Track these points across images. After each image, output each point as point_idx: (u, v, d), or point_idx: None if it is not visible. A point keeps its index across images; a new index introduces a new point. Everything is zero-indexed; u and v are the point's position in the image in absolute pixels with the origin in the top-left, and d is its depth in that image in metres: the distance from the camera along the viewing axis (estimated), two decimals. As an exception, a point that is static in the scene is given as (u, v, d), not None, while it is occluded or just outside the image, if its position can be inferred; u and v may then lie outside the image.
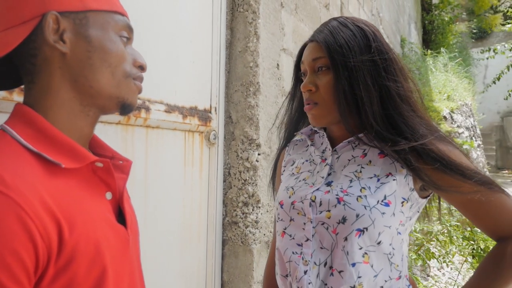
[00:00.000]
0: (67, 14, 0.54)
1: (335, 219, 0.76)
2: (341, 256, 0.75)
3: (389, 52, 0.82)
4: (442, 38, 10.11)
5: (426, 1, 10.32)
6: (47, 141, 0.52)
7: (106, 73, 0.57)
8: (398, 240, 0.79)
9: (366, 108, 0.78)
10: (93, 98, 0.57)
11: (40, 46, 0.54)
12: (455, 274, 2.41)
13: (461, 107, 5.67)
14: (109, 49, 0.57)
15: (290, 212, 0.84)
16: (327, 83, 0.81)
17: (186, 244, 1.41)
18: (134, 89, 0.61)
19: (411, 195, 0.79)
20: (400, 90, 0.80)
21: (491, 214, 0.78)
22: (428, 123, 0.82)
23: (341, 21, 0.85)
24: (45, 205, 0.46)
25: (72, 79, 0.55)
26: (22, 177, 0.46)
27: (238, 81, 1.62)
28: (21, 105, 0.55)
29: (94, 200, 0.54)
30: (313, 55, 0.84)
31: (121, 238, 0.56)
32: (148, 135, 1.22)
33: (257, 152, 1.58)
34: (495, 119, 12.42)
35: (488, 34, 13.36)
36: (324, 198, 0.79)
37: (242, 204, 1.58)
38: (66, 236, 0.47)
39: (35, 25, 0.52)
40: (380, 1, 4.61)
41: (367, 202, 0.75)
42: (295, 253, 0.81)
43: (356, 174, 0.80)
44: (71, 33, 0.55)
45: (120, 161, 0.63)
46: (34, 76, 0.55)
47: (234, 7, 1.65)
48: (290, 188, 0.87)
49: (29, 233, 0.43)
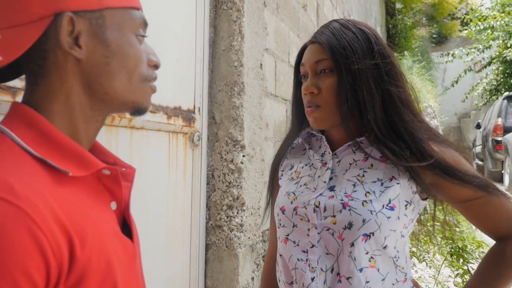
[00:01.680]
0: (82, 13, 0.48)
1: (341, 224, 0.75)
2: (348, 262, 0.74)
3: (391, 56, 0.82)
4: (405, 42, 10.50)
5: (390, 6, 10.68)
6: (50, 145, 0.46)
7: (123, 79, 0.51)
8: (402, 243, 0.79)
9: (368, 112, 0.77)
10: (106, 104, 0.52)
11: (51, 49, 0.48)
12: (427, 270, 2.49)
13: (425, 109, 5.90)
14: (128, 53, 0.52)
15: (293, 218, 0.82)
16: (330, 85, 0.79)
17: (170, 249, 1.35)
18: (149, 92, 0.56)
19: (413, 198, 0.79)
20: (401, 94, 0.80)
21: (490, 215, 0.80)
22: (427, 127, 0.83)
23: (343, 23, 0.83)
24: (56, 217, 0.40)
25: (86, 85, 0.50)
26: (31, 185, 0.40)
27: (222, 81, 1.57)
28: (20, 104, 0.49)
29: (100, 209, 0.49)
30: (315, 57, 0.82)
31: (128, 251, 0.52)
32: (133, 137, 1.16)
33: (241, 154, 1.54)
34: (453, 121, 13.07)
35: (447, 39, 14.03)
36: (329, 203, 0.77)
37: (227, 207, 1.53)
38: (77, 252, 0.41)
39: (46, 27, 0.46)
40: (350, 4, 4.70)
41: (373, 207, 0.74)
42: (301, 260, 0.79)
43: (359, 178, 0.79)
44: (87, 36, 0.49)
45: (123, 168, 0.57)
46: (39, 78, 0.49)
47: (218, 4, 1.60)
48: (291, 193, 0.84)
49: (41, 250, 0.38)
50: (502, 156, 6.77)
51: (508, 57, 9.74)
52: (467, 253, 1.76)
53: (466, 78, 11.56)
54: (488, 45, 10.40)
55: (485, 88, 10.76)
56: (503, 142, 6.39)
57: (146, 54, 0.55)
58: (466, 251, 1.75)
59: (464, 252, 1.75)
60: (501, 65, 10.26)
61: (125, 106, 0.54)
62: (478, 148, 8.70)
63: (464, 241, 1.78)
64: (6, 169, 0.40)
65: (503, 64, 10.14)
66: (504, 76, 10.30)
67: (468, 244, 1.79)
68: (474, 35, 10.82)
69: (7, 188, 0.38)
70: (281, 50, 2.03)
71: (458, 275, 1.75)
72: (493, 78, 10.64)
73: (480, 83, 11.00)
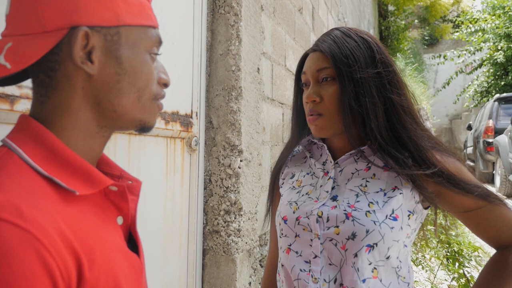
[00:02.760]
0: (98, 29, 0.47)
1: (344, 235, 0.75)
2: (351, 272, 0.74)
3: (393, 64, 0.82)
4: (397, 44, 10.59)
5: (383, 8, 10.75)
6: (59, 163, 0.45)
7: (133, 97, 0.51)
8: (404, 253, 0.78)
9: (371, 120, 0.77)
10: (114, 121, 0.51)
11: (63, 61, 0.47)
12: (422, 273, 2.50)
13: (419, 110, 5.94)
14: (140, 72, 0.51)
15: (295, 228, 0.81)
16: (332, 94, 0.79)
17: (167, 254, 1.34)
18: (157, 110, 0.55)
19: (416, 208, 0.79)
20: (404, 102, 0.80)
21: (491, 225, 0.80)
22: (430, 135, 0.83)
23: (344, 31, 0.83)
24: (64, 239, 0.40)
25: (95, 101, 0.49)
26: (39, 207, 0.39)
27: (220, 85, 1.57)
28: (28, 118, 0.48)
29: (107, 227, 0.48)
30: (317, 66, 0.81)
31: (135, 268, 0.51)
32: (131, 143, 1.15)
33: (239, 159, 1.53)
34: (444, 122, 13.20)
35: (438, 41, 14.16)
36: (332, 214, 0.77)
37: (224, 212, 1.53)
38: (86, 273, 0.41)
39: (60, 39, 0.45)
40: (344, 7, 4.72)
41: (376, 217, 0.74)
42: (303, 270, 0.78)
43: (361, 188, 0.79)
44: (100, 52, 0.48)
45: (129, 181, 0.57)
46: (48, 90, 0.48)
47: (215, 8, 1.60)
48: (294, 203, 0.84)
49: (50, 273, 0.37)
50: (493, 157, 6.85)
51: (498, 59, 9.87)
52: (463, 257, 1.77)
53: (457, 80, 11.70)
54: (479, 47, 10.53)
55: (476, 90, 10.88)
56: (494, 144, 6.46)
57: (157, 72, 0.55)
58: (462, 255, 1.76)
59: (460, 256, 1.76)
60: (491, 67, 10.38)
61: (132, 124, 0.54)
62: (469, 150, 8.78)
63: (460, 245, 1.79)
64: (14, 190, 0.39)
65: (494, 66, 10.26)
66: (494, 78, 10.43)
67: (464, 248, 1.80)
68: (465, 37, 10.94)
69: (15, 211, 0.37)
70: (278, 53, 2.03)
71: (453, 279, 1.77)
72: (484, 80, 10.77)
73: (471, 85, 11.13)
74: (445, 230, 0.95)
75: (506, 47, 9.72)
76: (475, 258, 1.80)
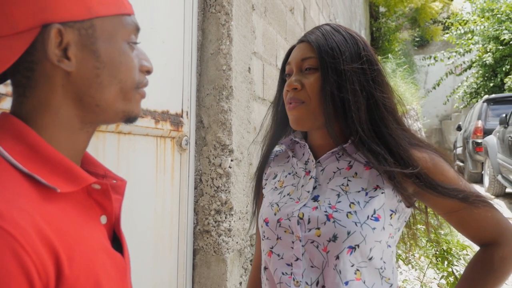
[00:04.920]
0: (71, 24, 0.46)
1: (326, 237, 0.73)
2: (333, 275, 0.73)
3: (378, 64, 0.82)
4: (388, 45, 10.66)
5: (374, 9, 10.82)
6: (40, 160, 0.44)
7: (115, 90, 0.50)
8: (388, 253, 0.78)
9: (353, 113, 0.76)
10: (98, 115, 0.50)
11: (39, 60, 0.46)
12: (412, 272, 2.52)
13: (409, 111, 5.99)
14: (119, 63, 0.50)
15: (277, 230, 0.80)
16: (314, 82, 0.78)
17: (158, 254, 1.33)
18: (139, 98, 0.54)
19: (398, 206, 0.78)
20: (386, 101, 0.79)
21: (473, 225, 0.79)
22: (411, 135, 0.82)
23: (334, 27, 0.83)
24: (42, 237, 0.39)
25: (76, 98, 0.48)
26: (16, 205, 0.38)
27: (210, 85, 1.56)
28: (8, 115, 0.47)
29: (90, 225, 0.48)
30: (302, 55, 0.81)
31: (118, 267, 0.50)
32: (120, 142, 1.14)
33: (230, 158, 1.53)
34: (434, 122, 13.32)
35: (429, 42, 14.30)
36: (313, 215, 0.75)
37: (215, 212, 1.52)
38: (65, 271, 0.40)
39: (33, 39, 0.44)
40: (336, 7, 4.74)
41: (357, 218, 0.73)
42: (285, 273, 0.77)
43: (343, 187, 0.78)
44: (76, 47, 0.46)
45: (113, 180, 0.56)
46: (27, 90, 0.47)
47: (206, 7, 1.59)
48: (275, 204, 0.82)
49: (26, 272, 0.36)
50: (482, 157, 6.93)
51: (487, 61, 10.00)
52: (452, 255, 1.79)
53: (447, 81, 11.82)
54: (468, 49, 10.66)
55: (466, 91, 11.01)
56: (483, 144, 6.54)
57: (138, 60, 0.54)
58: (451, 253, 1.78)
59: (448, 254, 1.78)
60: (481, 68, 10.52)
61: (117, 116, 0.53)
62: (459, 150, 8.88)
63: (449, 244, 1.81)
64: None
65: (483, 67, 10.40)
66: (483, 80, 10.57)
67: (453, 247, 1.82)
68: (455, 39, 11.07)
69: None
70: (269, 53, 2.03)
71: (442, 277, 1.78)
72: (473, 81, 10.91)
73: (461, 86, 11.26)
74: (434, 229, 0.95)
75: (494, 49, 9.86)
76: (464, 257, 1.83)
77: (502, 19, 9.98)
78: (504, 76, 9.72)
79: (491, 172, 6.17)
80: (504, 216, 0.80)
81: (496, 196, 6.20)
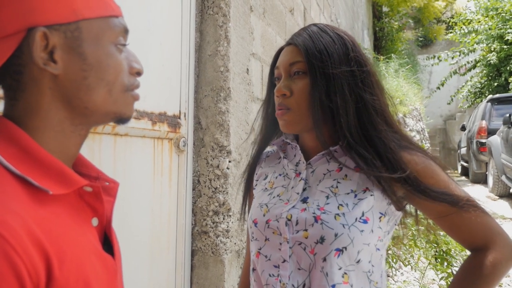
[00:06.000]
0: (56, 27, 0.46)
1: (313, 239, 0.73)
2: (320, 277, 0.72)
3: (367, 64, 0.81)
4: (392, 45, 10.62)
5: (377, 9, 10.79)
6: (32, 162, 0.45)
7: (103, 91, 0.50)
8: (377, 257, 0.77)
9: (341, 117, 0.75)
10: (87, 117, 0.51)
11: (26, 64, 0.46)
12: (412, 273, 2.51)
13: (412, 111, 5.97)
14: (107, 65, 0.50)
15: (265, 231, 0.79)
16: (302, 88, 0.78)
17: (155, 255, 1.34)
18: (131, 100, 0.55)
19: (388, 209, 0.77)
20: (376, 103, 0.78)
21: (463, 229, 0.78)
22: (402, 137, 0.81)
23: (321, 27, 0.82)
24: (33, 238, 0.39)
25: (65, 100, 0.49)
26: (7, 206, 0.39)
27: (208, 86, 1.57)
28: (1, 118, 0.48)
29: (81, 228, 0.48)
30: (290, 59, 0.80)
31: (108, 269, 0.51)
32: (116, 144, 1.14)
33: (228, 159, 1.54)
34: (439, 122, 13.25)
35: (432, 42, 14.24)
36: (301, 217, 0.75)
37: (213, 213, 1.53)
38: (55, 273, 0.41)
39: (19, 42, 0.45)
40: (337, 8, 4.73)
41: (345, 220, 0.72)
42: (272, 275, 0.77)
43: (332, 189, 0.77)
44: (62, 50, 0.47)
45: (106, 182, 0.56)
46: (17, 93, 0.48)
47: (204, 9, 1.60)
48: (264, 205, 0.82)
49: (17, 273, 0.37)
50: (486, 157, 6.90)
51: (491, 60, 9.93)
52: (451, 256, 1.79)
53: (451, 80, 11.75)
54: (473, 49, 10.59)
55: (470, 90, 10.94)
56: (487, 144, 6.50)
57: (128, 62, 0.54)
58: (450, 254, 1.77)
59: (448, 255, 1.77)
60: (485, 68, 10.45)
61: (107, 117, 0.53)
62: (463, 150, 8.84)
63: (448, 245, 1.80)
64: None
65: (487, 67, 10.33)
66: (488, 79, 10.50)
67: (452, 248, 1.82)
68: (458, 39, 11.00)
69: None
70: (268, 54, 2.04)
71: (442, 278, 1.78)
72: (478, 81, 10.84)
73: (465, 86, 11.19)
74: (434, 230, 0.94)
75: (499, 48, 9.79)
76: (463, 258, 1.82)
77: (507, 18, 9.92)
78: (508, 75, 9.65)
79: (495, 172, 6.13)
80: (495, 220, 0.80)
81: (500, 197, 6.16)
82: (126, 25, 0.54)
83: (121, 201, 1.16)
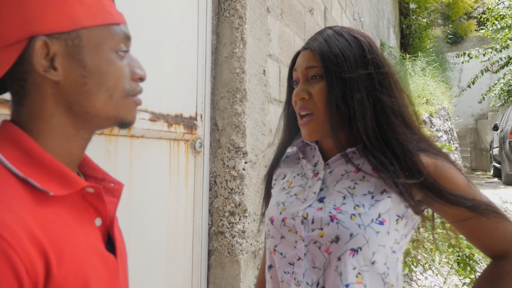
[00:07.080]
0: (57, 35, 0.49)
1: (328, 238, 0.73)
2: (334, 276, 0.72)
3: (385, 65, 0.80)
4: (419, 42, 10.34)
5: (404, 6, 10.54)
6: (34, 164, 0.47)
7: (104, 97, 0.52)
8: (393, 259, 0.76)
9: (358, 122, 0.75)
10: (89, 122, 0.53)
11: (29, 71, 0.49)
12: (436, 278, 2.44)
13: (439, 110, 5.80)
14: (107, 72, 0.52)
15: (281, 229, 0.81)
16: (320, 91, 0.78)
17: (172, 255, 1.36)
18: (133, 105, 0.56)
19: (405, 212, 0.76)
20: (394, 105, 0.78)
21: (482, 235, 0.77)
22: (421, 138, 0.80)
23: (336, 30, 0.82)
24: (32, 237, 0.41)
25: (66, 106, 0.51)
26: (8, 207, 0.41)
27: (224, 88, 1.58)
28: (7, 122, 0.50)
29: (83, 228, 0.50)
30: (306, 64, 0.81)
31: (110, 268, 0.52)
32: (133, 145, 1.17)
33: (244, 160, 1.54)
34: (470, 122, 12.80)
35: (462, 39, 13.77)
36: (317, 216, 0.76)
37: (229, 214, 1.54)
38: (53, 270, 0.43)
39: (22, 50, 0.47)
40: (361, 6, 4.66)
41: (361, 221, 0.72)
42: (287, 272, 0.78)
43: (349, 190, 0.77)
44: (62, 58, 0.49)
45: (111, 183, 0.58)
46: (22, 99, 0.50)
47: (220, 11, 1.61)
48: (281, 203, 0.84)
49: (15, 271, 0.39)
50: (520, 158, 6.61)
51: (526, 57, 9.50)
52: (474, 261, 1.72)
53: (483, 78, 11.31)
54: (506, 45, 10.15)
55: (503, 88, 10.50)
56: (521, 145, 6.23)
57: (130, 68, 0.56)
58: (473, 259, 1.71)
59: (471, 260, 1.71)
60: (519, 65, 10.01)
61: (109, 122, 0.55)
62: (496, 150, 8.50)
63: (471, 249, 1.74)
64: None
65: (521, 64, 9.89)
66: (522, 77, 10.05)
67: (475, 253, 1.75)
68: (490, 35, 10.58)
69: None
70: (286, 55, 2.03)
71: (464, 284, 1.71)
72: (511, 78, 10.39)
73: (498, 84, 10.74)
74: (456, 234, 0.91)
75: (534, 44, 9.36)
76: (486, 263, 1.75)
77: (542, 12, 9.46)
78: (544, 72, 9.21)
79: (529, 173, 5.86)
80: None
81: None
82: (127, 32, 0.56)
83: (138, 202, 1.19)
